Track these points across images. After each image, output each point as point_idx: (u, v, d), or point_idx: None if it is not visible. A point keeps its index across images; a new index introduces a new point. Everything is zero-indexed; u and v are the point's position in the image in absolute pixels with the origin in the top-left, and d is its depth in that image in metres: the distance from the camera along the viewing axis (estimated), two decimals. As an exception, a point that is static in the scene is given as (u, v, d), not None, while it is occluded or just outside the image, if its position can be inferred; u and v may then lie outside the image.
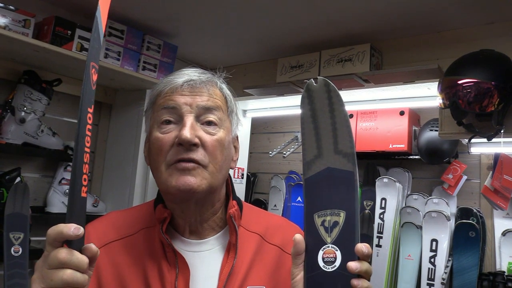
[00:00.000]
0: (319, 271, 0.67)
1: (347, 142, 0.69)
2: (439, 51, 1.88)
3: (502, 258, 1.86)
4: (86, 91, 0.65)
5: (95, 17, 0.68)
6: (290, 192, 2.55)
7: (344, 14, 1.84)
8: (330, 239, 0.68)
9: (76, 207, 0.63)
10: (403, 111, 2.16)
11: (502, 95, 1.46)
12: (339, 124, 0.69)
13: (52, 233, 0.62)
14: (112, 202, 2.26)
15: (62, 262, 0.61)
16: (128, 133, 2.27)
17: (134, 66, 2.10)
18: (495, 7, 1.67)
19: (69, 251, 0.61)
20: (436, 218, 1.95)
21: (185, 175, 0.81)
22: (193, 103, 0.85)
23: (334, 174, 0.69)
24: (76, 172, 0.63)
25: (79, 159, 0.63)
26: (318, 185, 0.70)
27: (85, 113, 0.65)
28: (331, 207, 0.68)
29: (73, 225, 0.61)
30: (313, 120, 0.71)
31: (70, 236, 0.61)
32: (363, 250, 0.65)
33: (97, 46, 0.68)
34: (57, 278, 0.60)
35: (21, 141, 1.89)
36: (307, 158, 0.71)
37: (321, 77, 0.73)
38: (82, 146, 0.64)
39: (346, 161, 0.69)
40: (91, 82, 0.66)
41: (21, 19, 1.68)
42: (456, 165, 2.06)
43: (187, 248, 0.87)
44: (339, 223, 0.68)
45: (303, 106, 0.72)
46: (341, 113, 0.70)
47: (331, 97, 0.70)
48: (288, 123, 2.85)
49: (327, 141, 0.70)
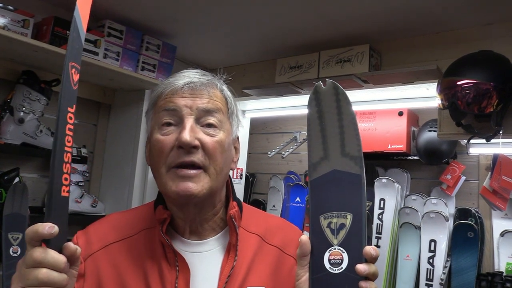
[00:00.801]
0: (325, 272, 0.67)
1: (355, 145, 0.69)
2: (438, 52, 1.89)
3: (500, 258, 1.86)
4: (65, 91, 0.65)
5: (73, 16, 0.68)
6: (288, 192, 2.55)
7: (343, 15, 1.84)
8: (337, 241, 0.68)
9: (54, 207, 0.63)
10: (401, 111, 2.16)
11: (501, 96, 1.47)
12: (346, 127, 0.70)
13: (29, 233, 0.62)
14: (111, 202, 2.25)
15: (36, 261, 0.61)
16: (127, 134, 2.27)
17: (133, 66, 2.10)
18: (494, 8, 1.68)
19: (44, 249, 0.62)
20: (435, 219, 1.96)
21: (186, 181, 0.81)
22: (193, 105, 0.85)
23: (341, 177, 0.69)
24: (55, 172, 0.63)
25: (58, 158, 0.63)
26: (324, 187, 0.70)
27: (64, 112, 0.65)
28: (338, 209, 0.69)
29: (48, 224, 0.62)
30: (320, 122, 0.71)
31: (45, 235, 0.61)
32: (371, 253, 0.66)
33: (77, 46, 0.68)
34: (32, 277, 0.60)
35: (20, 141, 1.89)
36: (313, 160, 0.71)
37: (329, 79, 0.73)
38: (61, 145, 0.64)
39: (354, 164, 0.69)
40: (72, 82, 0.66)
41: (20, 19, 1.68)
42: (454, 165, 2.06)
43: (187, 249, 0.87)
44: (346, 226, 0.68)
45: (310, 107, 0.72)
46: (349, 115, 0.70)
47: (340, 100, 0.70)
48: (287, 123, 2.85)
49: (333, 143, 0.70)
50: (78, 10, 0.69)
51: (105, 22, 2.01)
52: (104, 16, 2.01)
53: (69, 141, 0.65)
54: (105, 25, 2.01)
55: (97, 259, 0.86)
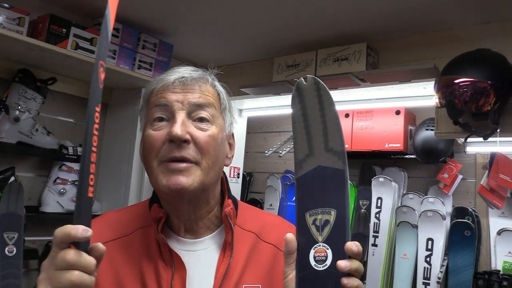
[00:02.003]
0: (311, 270, 0.67)
1: (338, 140, 0.69)
2: (435, 50, 1.88)
3: (497, 257, 1.87)
4: (94, 90, 0.64)
5: (105, 15, 0.68)
6: (286, 191, 2.56)
7: (340, 13, 1.84)
8: (322, 237, 0.67)
9: (83, 208, 0.62)
10: (399, 110, 2.17)
11: (498, 94, 1.47)
12: (329, 122, 0.69)
13: (59, 235, 0.61)
14: (107, 201, 2.24)
15: (69, 264, 0.60)
16: (123, 132, 2.26)
17: (129, 65, 2.09)
18: (492, 7, 1.68)
19: (77, 252, 0.61)
20: (432, 217, 1.96)
21: (176, 175, 0.81)
22: (184, 100, 0.85)
23: (325, 172, 0.69)
24: (84, 172, 0.62)
25: (87, 159, 0.62)
26: (310, 183, 0.70)
27: (93, 112, 0.64)
28: (322, 205, 0.68)
29: (81, 226, 0.61)
30: (304, 118, 0.71)
31: (79, 238, 0.60)
32: (352, 249, 0.64)
33: (105, 44, 0.68)
34: (64, 279, 0.59)
35: (16, 140, 1.88)
36: (298, 157, 0.71)
37: (310, 75, 0.72)
38: (90, 145, 0.63)
39: (337, 159, 0.68)
40: (99, 81, 0.65)
41: (15, 17, 1.67)
42: (451, 164, 2.07)
43: (183, 247, 0.87)
44: (330, 222, 0.67)
45: (294, 105, 0.72)
46: (331, 111, 0.69)
47: (321, 95, 0.70)
48: (284, 122, 2.85)
49: (318, 140, 0.70)
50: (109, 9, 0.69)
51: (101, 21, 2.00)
52: (100, 14, 2.00)
53: (95, 141, 0.64)
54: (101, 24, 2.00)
55: None
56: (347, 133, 2.28)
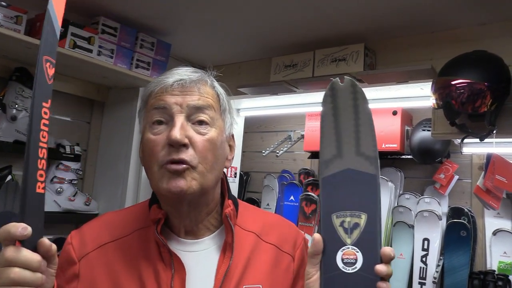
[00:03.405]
0: (338, 271, 0.67)
1: (371, 145, 0.69)
2: (432, 51, 1.89)
3: (492, 257, 1.88)
4: (39, 85, 0.65)
5: (47, 9, 0.67)
6: (283, 191, 2.56)
7: (338, 14, 1.84)
8: (350, 240, 0.67)
9: (28, 205, 0.62)
10: (395, 111, 2.18)
11: (495, 95, 1.48)
12: (362, 126, 0.69)
13: (2, 233, 0.62)
14: (104, 201, 2.24)
15: (8, 261, 0.60)
16: (121, 132, 2.26)
17: (127, 64, 2.08)
18: (489, 8, 1.68)
19: (16, 249, 0.61)
20: (428, 218, 1.97)
21: (176, 177, 0.80)
22: (183, 103, 0.84)
23: (355, 176, 0.69)
24: (29, 168, 0.62)
25: (32, 155, 0.63)
26: (337, 185, 0.69)
27: (38, 107, 0.64)
28: (351, 208, 0.68)
29: (21, 224, 0.61)
30: (335, 119, 0.70)
31: (17, 237, 0.61)
32: (390, 254, 0.66)
33: (51, 39, 0.67)
34: (4, 276, 0.60)
35: (13, 139, 1.87)
36: (325, 157, 0.70)
37: (348, 77, 0.72)
38: (36, 141, 0.63)
39: (369, 164, 0.68)
40: (46, 76, 0.65)
41: (13, 15, 1.66)
42: (448, 165, 2.08)
43: (183, 248, 0.87)
44: (360, 225, 0.67)
45: (325, 104, 0.72)
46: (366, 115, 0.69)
47: (357, 98, 0.70)
48: (282, 122, 2.85)
49: (348, 142, 0.69)
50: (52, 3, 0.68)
51: (99, 19, 1.99)
52: (98, 13, 2.00)
53: (44, 137, 0.64)
54: (99, 22, 1.99)
55: (91, 259, 0.85)
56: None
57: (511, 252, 1.83)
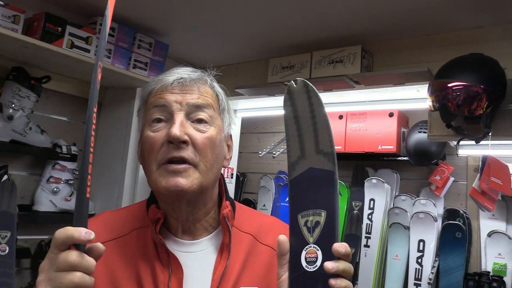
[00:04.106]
0: (302, 271, 0.67)
1: (327, 142, 0.69)
2: (429, 54, 1.90)
3: (487, 258, 1.89)
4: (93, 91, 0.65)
5: (104, 16, 0.67)
6: (279, 192, 2.56)
7: (336, 16, 1.85)
8: (312, 239, 0.68)
9: (84, 209, 0.63)
10: (392, 112, 2.19)
11: (490, 98, 1.49)
12: (319, 124, 0.70)
13: (61, 237, 0.61)
14: (101, 201, 2.24)
15: (72, 265, 0.60)
16: (118, 132, 2.25)
17: (124, 64, 2.08)
18: (485, 11, 1.70)
19: (80, 254, 0.61)
20: (424, 219, 1.98)
21: (175, 176, 0.81)
22: (183, 101, 0.85)
23: (315, 174, 0.70)
24: (83, 174, 0.62)
25: (86, 160, 0.63)
26: (302, 185, 0.70)
27: (91, 113, 0.64)
28: (314, 207, 0.69)
29: (84, 229, 0.61)
30: (296, 121, 0.72)
31: (82, 241, 0.61)
32: (339, 250, 0.65)
33: (103, 45, 0.68)
34: (66, 280, 0.60)
35: (9, 139, 1.87)
36: (291, 160, 0.72)
37: (300, 78, 0.73)
38: (88, 147, 0.63)
39: (327, 160, 0.69)
40: (97, 81, 0.66)
41: (10, 14, 1.66)
42: (443, 166, 2.09)
43: (180, 249, 0.87)
44: (321, 223, 0.68)
45: (286, 108, 0.73)
46: (321, 113, 0.70)
47: (311, 97, 0.71)
48: (278, 123, 2.85)
49: (309, 142, 0.70)
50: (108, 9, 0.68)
51: (97, 19, 1.99)
52: (96, 13, 2.00)
53: (92, 142, 0.65)
54: (97, 22, 1.99)
55: None
56: (340, 135, 2.30)
57: (505, 253, 1.84)
